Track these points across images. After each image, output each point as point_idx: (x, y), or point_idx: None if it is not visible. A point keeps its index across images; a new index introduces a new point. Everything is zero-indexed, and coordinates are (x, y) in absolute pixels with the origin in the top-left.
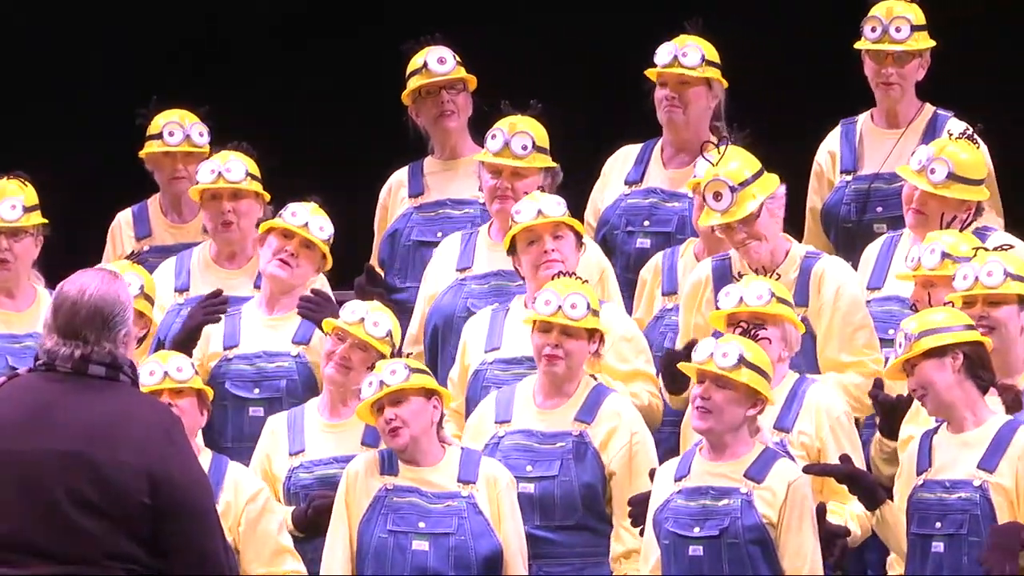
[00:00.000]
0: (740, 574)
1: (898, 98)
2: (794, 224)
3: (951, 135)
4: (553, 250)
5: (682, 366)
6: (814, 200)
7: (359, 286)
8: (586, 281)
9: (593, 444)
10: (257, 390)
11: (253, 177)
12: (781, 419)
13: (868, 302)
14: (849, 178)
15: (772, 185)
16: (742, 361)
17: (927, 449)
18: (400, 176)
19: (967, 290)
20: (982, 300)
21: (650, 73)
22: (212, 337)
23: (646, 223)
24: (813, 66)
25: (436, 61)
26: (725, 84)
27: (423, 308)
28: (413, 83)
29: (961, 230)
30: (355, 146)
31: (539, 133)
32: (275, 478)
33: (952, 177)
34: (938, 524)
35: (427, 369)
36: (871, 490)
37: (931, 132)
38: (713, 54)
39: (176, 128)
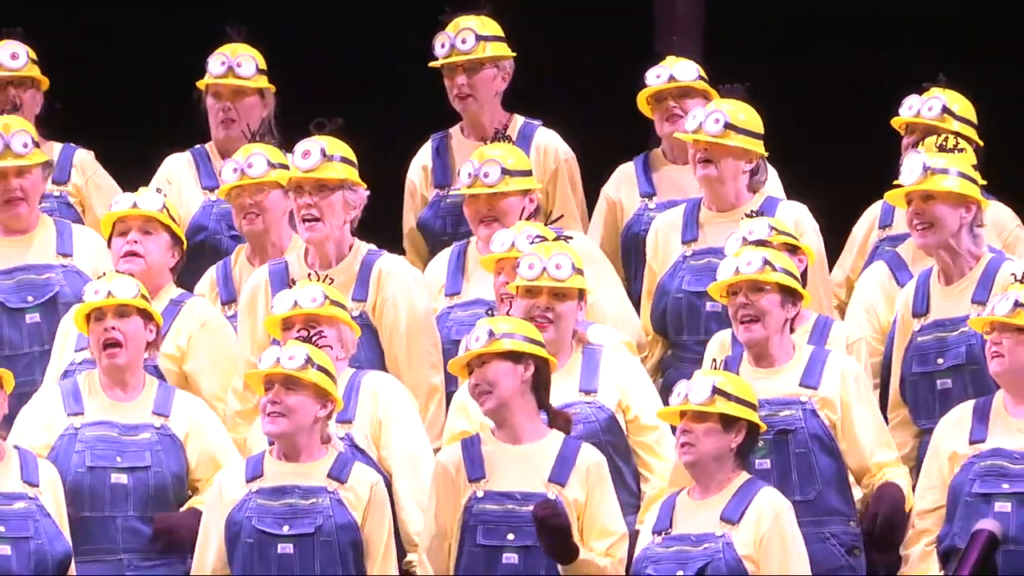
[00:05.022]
0: (332, 574)
1: (476, 110)
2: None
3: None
4: (136, 242)
5: None
6: (409, 218)
7: None
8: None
9: (178, 436)
10: None
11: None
12: (343, 413)
13: (451, 308)
14: (444, 192)
15: (353, 175)
16: (309, 361)
17: (479, 458)
18: None
19: (533, 280)
20: (548, 292)
21: (202, 84)
22: None
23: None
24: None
25: (9, 56)
26: (273, 88)
27: None
28: None
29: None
30: None
31: (33, 132)
32: None
33: (507, 173)
34: (510, 536)
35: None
36: None
37: (522, 141)
38: (263, 63)
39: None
